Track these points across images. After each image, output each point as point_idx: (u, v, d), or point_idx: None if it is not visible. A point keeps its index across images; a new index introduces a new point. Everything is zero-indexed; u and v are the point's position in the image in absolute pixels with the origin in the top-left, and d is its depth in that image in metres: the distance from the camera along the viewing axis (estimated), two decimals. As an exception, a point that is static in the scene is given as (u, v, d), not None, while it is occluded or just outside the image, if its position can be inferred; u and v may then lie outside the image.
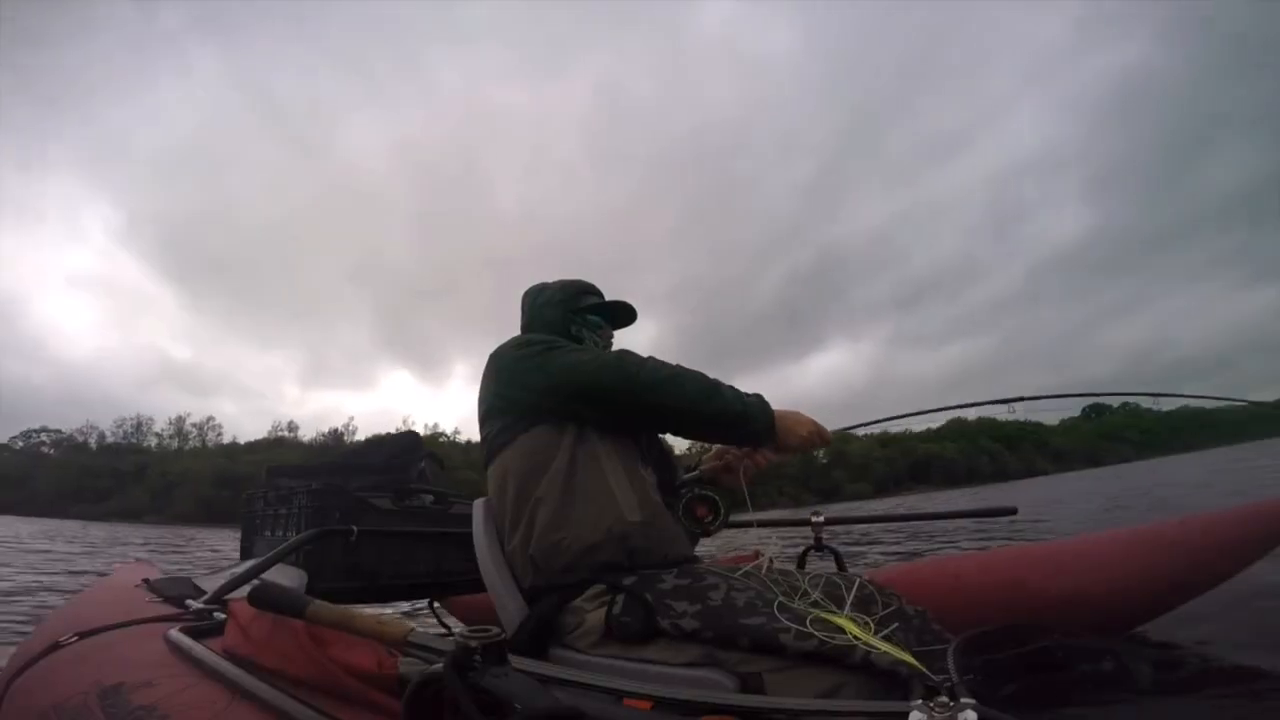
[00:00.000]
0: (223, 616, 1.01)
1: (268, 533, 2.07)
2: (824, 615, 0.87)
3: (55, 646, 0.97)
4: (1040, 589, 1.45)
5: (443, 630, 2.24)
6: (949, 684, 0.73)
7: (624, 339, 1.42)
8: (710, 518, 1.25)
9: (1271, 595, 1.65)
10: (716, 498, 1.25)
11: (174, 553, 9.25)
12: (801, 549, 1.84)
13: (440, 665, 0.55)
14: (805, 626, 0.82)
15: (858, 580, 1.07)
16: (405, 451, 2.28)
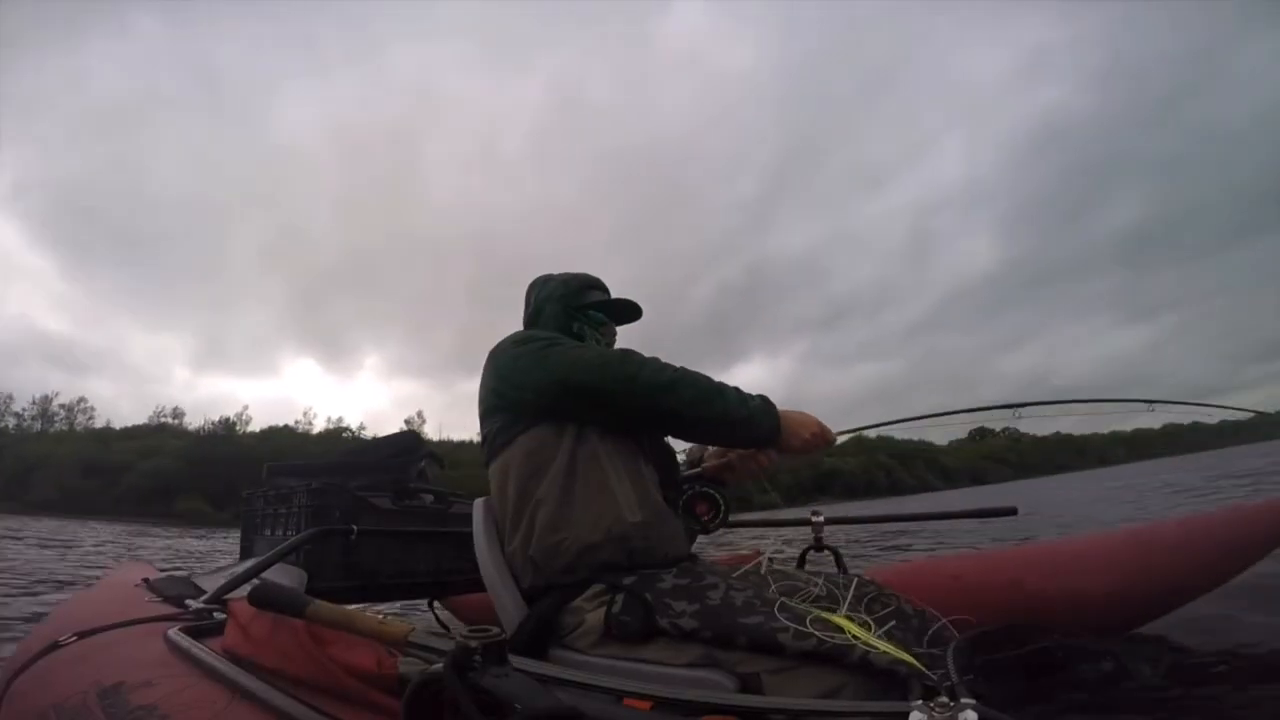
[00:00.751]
0: (223, 616, 1.01)
1: (267, 532, 2.07)
2: (822, 615, 0.87)
3: (55, 646, 0.97)
4: (1039, 589, 1.45)
5: (442, 630, 2.24)
6: (948, 683, 0.73)
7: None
8: (710, 515, 1.24)
9: (1272, 597, 1.65)
10: (718, 495, 1.25)
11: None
12: (801, 549, 1.84)
13: (440, 665, 0.55)
14: (804, 626, 0.82)
15: (856, 579, 1.06)
16: (405, 451, 2.28)
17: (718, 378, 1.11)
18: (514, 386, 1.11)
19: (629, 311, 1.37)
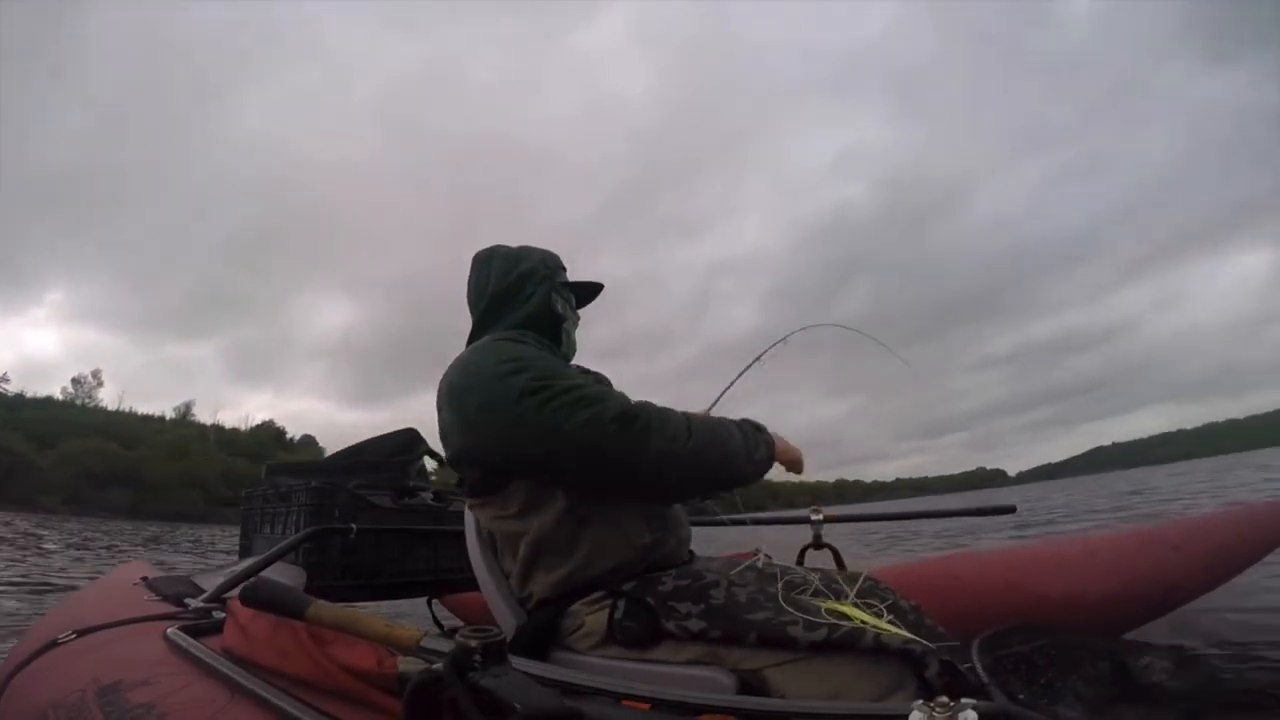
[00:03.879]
0: (222, 615, 1.01)
1: (267, 530, 2.07)
2: (830, 605, 0.86)
3: (53, 644, 0.97)
4: (1040, 589, 1.45)
5: (440, 629, 2.24)
6: (969, 666, 0.72)
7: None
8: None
9: (1271, 596, 1.65)
10: None
11: None
12: (800, 546, 1.83)
13: (440, 665, 0.55)
14: (816, 617, 0.81)
15: (862, 575, 1.06)
16: (405, 449, 2.28)
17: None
18: (486, 448, 0.94)
19: (590, 294, 1.24)
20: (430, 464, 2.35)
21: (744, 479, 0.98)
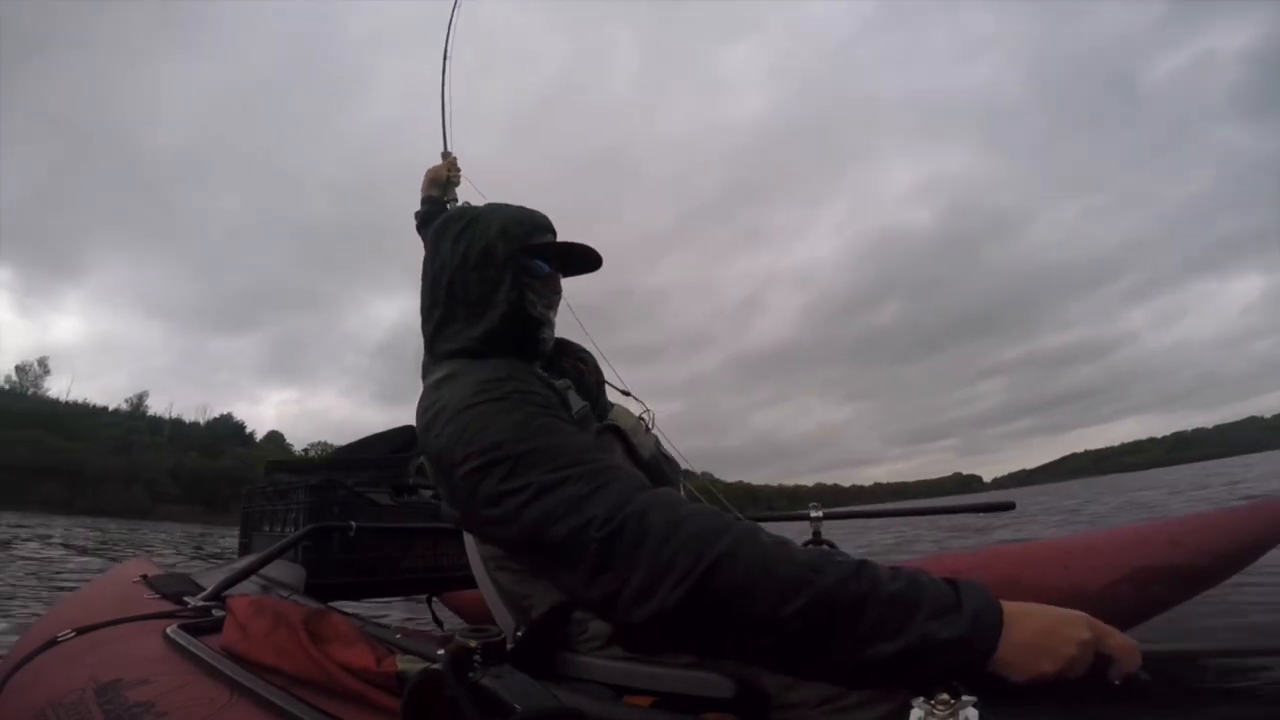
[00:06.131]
0: (221, 613, 1.01)
1: (266, 528, 2.08)
2: None
3: (53, 642, 0.97)
4: (1037, 586, 1.46)
5: (439, 626, 2.24)
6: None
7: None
8: None
9: (1268, 594, 1.66)
10: None
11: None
12: (799, 544, 1.83)
13: (439, 664, 0.55)
14: None
15: None
16: (404, 446, 2.28)
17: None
18: (475, 522, 0.84)
19: (582, 260, 1.01)
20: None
21: (855, 651, 0.56)
